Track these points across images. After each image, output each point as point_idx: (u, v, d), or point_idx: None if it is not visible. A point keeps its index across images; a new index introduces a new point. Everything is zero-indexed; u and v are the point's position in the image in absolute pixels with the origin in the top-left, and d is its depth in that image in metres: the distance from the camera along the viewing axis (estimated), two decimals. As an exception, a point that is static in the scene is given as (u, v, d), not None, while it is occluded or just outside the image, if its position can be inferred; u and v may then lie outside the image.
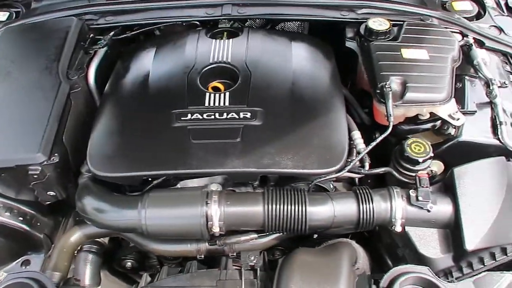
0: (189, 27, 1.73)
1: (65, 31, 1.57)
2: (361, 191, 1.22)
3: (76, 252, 1.40)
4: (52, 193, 1.34)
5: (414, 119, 1.40)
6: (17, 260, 1.41)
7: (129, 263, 1.57)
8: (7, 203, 1.40)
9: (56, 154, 1.28)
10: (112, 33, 1.64)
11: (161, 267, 1.49)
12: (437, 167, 1.38)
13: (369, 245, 1.39)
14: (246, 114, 1.29)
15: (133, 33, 1.69)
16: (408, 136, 1.36)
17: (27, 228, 1.44)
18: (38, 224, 1.46)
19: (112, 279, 1.68)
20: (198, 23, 1.70)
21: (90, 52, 1.60)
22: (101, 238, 1.47)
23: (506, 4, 1.78)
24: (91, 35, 1.65)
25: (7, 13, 1.77)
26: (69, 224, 1.45)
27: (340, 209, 1.19)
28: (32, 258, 1.42)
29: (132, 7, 1.68)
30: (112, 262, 1.59)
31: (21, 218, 1.44)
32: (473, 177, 1.24)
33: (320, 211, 1.18)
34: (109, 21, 1.66)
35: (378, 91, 1.36)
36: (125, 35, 1.68)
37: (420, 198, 1.19)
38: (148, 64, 1.50)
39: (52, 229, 1.49)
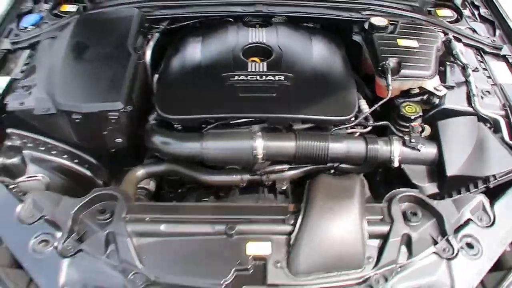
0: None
1: (129, 18, 1.94)
2: (368, 136, 1.60)
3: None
4: (119, 140, 1.66)
5: (407, 93, 1.79)
6: None
7: None
8: (75, 153, 1.72)
9: (129, 106, 1.62)
10: (166, 22, 2.03)
11: None
12: (426, 131, 1.75)
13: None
14: (280, 77, 1.68)
15: (181, 24, 2.08)
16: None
17: (90, 174, 1.75)
18: (99, 172, 1.77)
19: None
20: (232, 19, 2.11)
21: (148, 36, 1.98)
22: (150, 185, 1.80)
23: (479, 13, 2.22)
24: (147, 24, 2.03)
25: (76, 6, 2.15)
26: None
27: (352, 146, 1.56)
28: None
29: (181, 3, 2.08)
30: None
31: (86, 165, 1.76)
32: (452, 127, 1.61)
33: (338, 146, 1.55)
34: (163, 14, 2.05)
35: (380, 68, 1.75)
36: (174, 26, 2.07)
37: (412, 140, 1.56)
38: (198, 43, 1.89)
39: (108, 179, 1.80)
